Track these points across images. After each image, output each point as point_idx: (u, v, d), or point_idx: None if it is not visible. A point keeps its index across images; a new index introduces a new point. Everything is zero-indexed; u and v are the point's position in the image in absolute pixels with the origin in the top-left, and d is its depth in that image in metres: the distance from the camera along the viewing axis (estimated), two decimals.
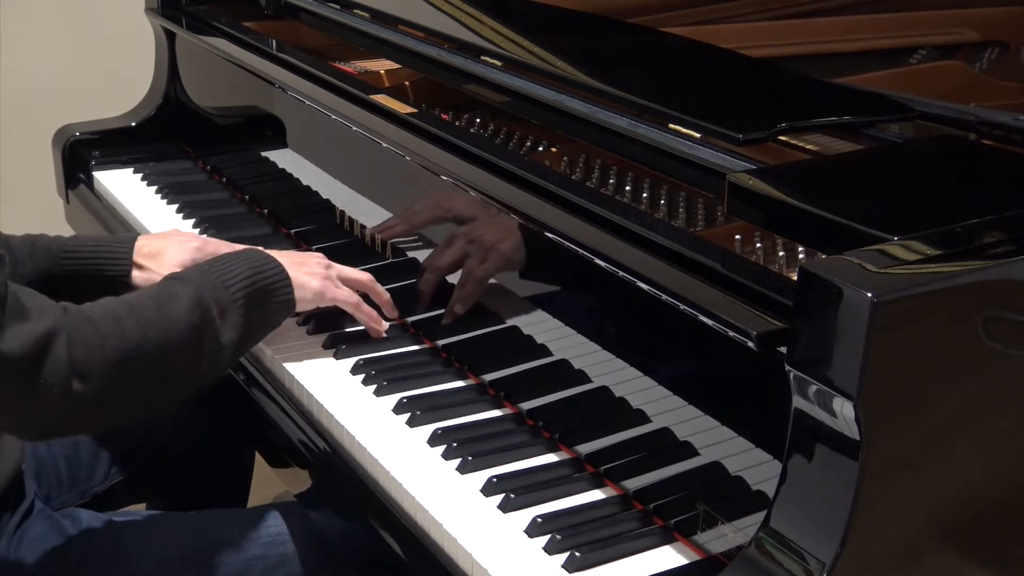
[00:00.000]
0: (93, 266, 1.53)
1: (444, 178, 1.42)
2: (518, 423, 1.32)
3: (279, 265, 1.36)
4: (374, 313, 1.47)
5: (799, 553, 0.93)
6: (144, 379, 1.22)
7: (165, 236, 1.60)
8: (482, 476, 1.21)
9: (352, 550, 1.32)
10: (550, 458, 1.25)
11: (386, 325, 1.48)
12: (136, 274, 1.54)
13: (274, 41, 1.91)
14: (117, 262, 1.53)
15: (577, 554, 1.09)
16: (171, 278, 1.30)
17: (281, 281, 1.35)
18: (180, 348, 1.23)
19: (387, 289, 1.57)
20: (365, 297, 1.49)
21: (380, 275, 1.59)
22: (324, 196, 1.77)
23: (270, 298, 1.34)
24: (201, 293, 1.26)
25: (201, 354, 1.25)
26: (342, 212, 1.71)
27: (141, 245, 1.55)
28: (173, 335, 1.22)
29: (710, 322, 1.03)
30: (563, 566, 1.09)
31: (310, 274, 1.41)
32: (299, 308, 1.41)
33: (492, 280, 1.40)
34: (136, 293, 1.27)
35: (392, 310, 1.51)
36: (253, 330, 1.33)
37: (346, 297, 1.44)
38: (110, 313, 1.20)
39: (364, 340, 1.48)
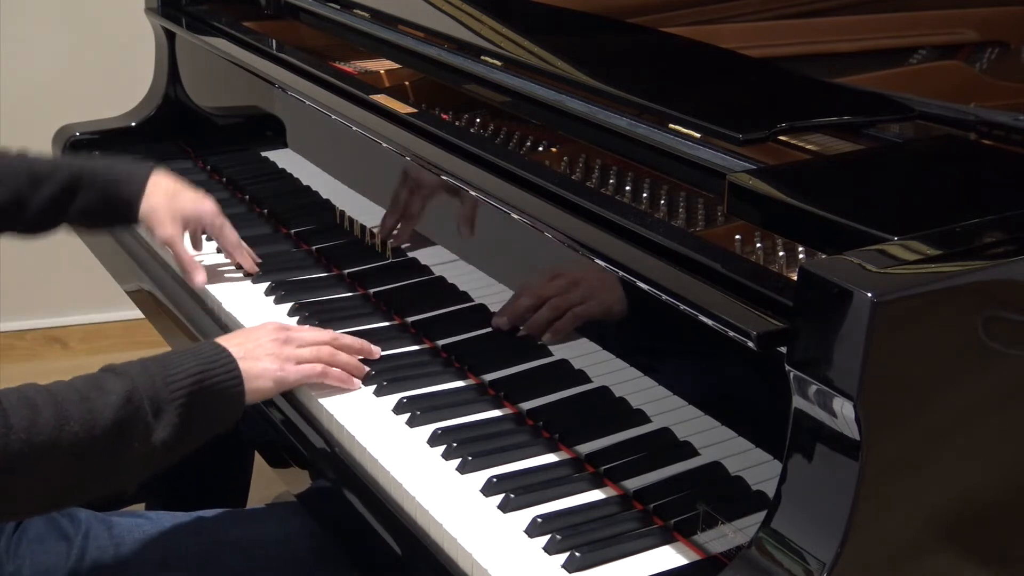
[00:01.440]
0: (109, 183, 1.59)
1: (444, 178, 1.42)
2: (518, 423, 1.32)
3: (231, 361, 1.26)
4: (343, 375, 1.37)
5: (799, 553, 0.94)
6: (52, 477, 1.13)
7: (187, 185, 1.66)
8: (482, 476, 1.21)
9: (352, 550, 1.32)
10: (550, 458, 1.25)
11: (358, 383, 1.38)
12: (143, 204, 1.61)
13: (274, 41, 1.91)
14: (131, 184, 1.60)
15: (577, 554, 1.09)
16: (106, 370, 1.20)
17: (232, 378, 1.25)
18: (100, 448, 1.14)
19: (387, 289, 1.57)
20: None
21: (380, 275, 1.60)
22: (324, 196, 1.77)
23: (216, 397, 1.23)
24: (135, 388, 1.17)
25: (125, 454, 1.16)
26: (342, 212, 1.71)
27: (159, 179, 1.63)
28: (94, 433, 1.13)
29: (710, 322, 1.03)
30: (563, 566, 1.09)
31: (267, 356, 1.31)
32: (258, 400, 1.31)
33: (490, 276, 1.40)
34: (66, 382, 1.16)
35: (371, 353, 1.42)
36: (193, 431, 1.22)
37: (309, 371, 1.34)
38: (25, 400, 1.11)
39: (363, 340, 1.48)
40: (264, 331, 1.35)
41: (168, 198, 1.61)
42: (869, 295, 0.87)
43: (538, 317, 1.30)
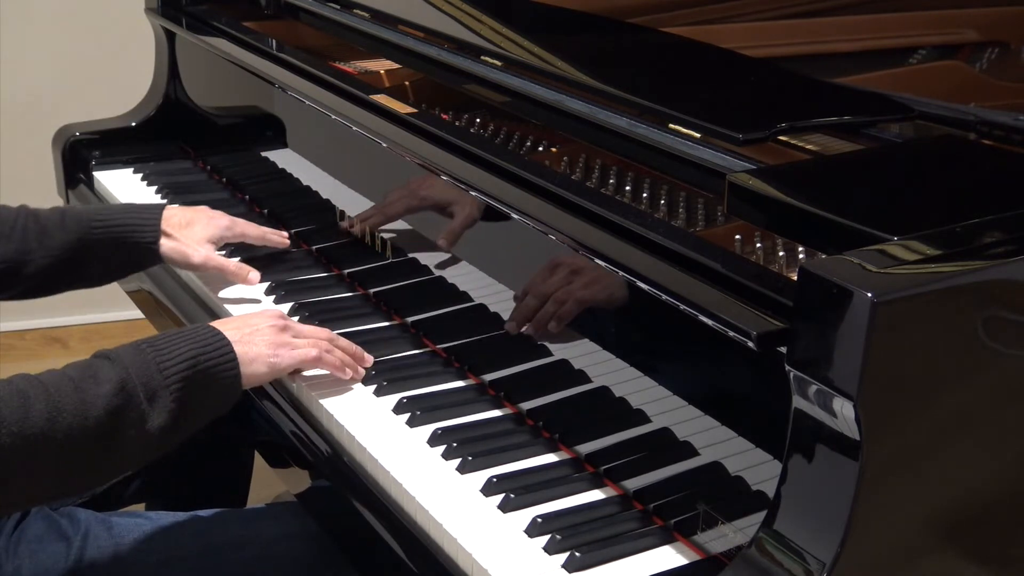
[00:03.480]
0: (123, 234, 1.55)
1: (444, 178, 1.42)
2: (518, 423, 1.32)
3: (225, 343, 1.25)
4: (338, 361, 1.36)
5: (799, 553, 0.94)
6: (46, 468, 1.12)
7: (194, 209, 1.64)
8: (482, 476, 1.21)
9: (352, 550, 1.32)
10: (550, 458, 1.25)
11: (361, 372, 1.39)
12: (164, 243, 1.57)
13: (274, 41, 1.91)
14: (145, 230, 1.56)
15: (577, 554, 1.09)
16: (99, 356, 1.20)
17: (227, 361, 1.24)
18: (95, 437, 1.13)
19: (387, 289, 1.57)
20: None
21: (380, 275, 1.60)
22: (324, 196, 1.77)
23: (212, 381, 1.22)
24: (128, 375, 1.16)
25: (122, 441, 1.15)
26: (342, 212, 1.71)
27: (170, 215, 1.58)
28: (88, 422, 1.12)
29: (710, 322, 1.03)
30: (563, 566, 1.09)
31: (261, 342, 1.30)
32: (253, 385, 1.31)
33: (491, 277, 1.40)
34: (59, 371, 1.16)
35: (363, 360, 1.41)
36: (189, 416, 1.21)
37: (304, 356, 1.33)
38: (17, 393, 1.11)
39: (363, 341, 1.48)
40: (261, 317, 1.35)
41: (184, 230, 1.61)
42: (869, 295, 0.87)
43: (546, 311, 1.29)
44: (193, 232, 1.60)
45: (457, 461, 1.24)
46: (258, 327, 1.32)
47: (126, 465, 1.20)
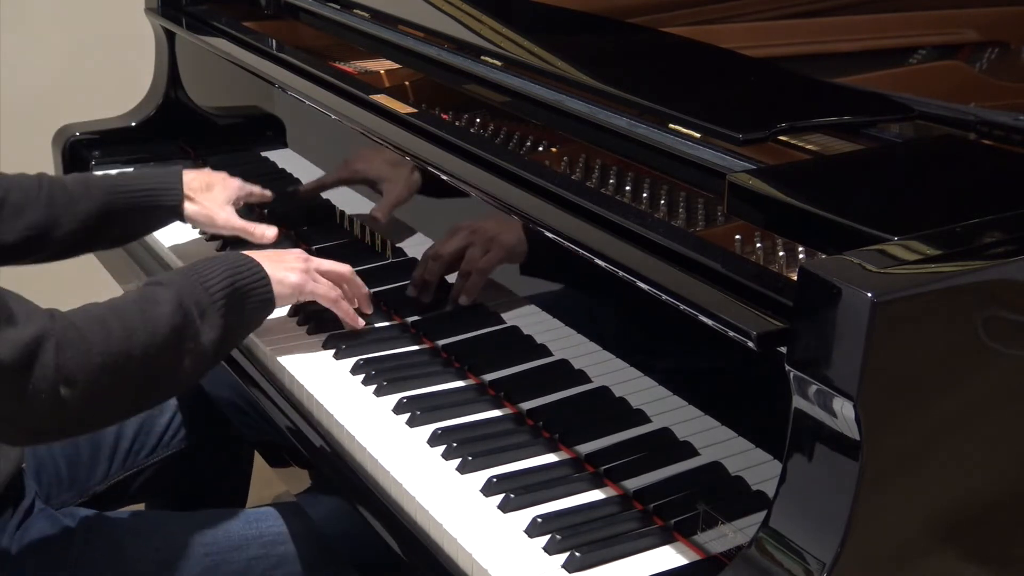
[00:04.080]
0: (148, 198, 1.64)
1: (444, 178, 1.42)
2: (518, 423, 1.32)
3: (257, 264, 1.38)
4: (349, 311, 1.48)
5: (799, 553, 0.93)
6: (129, 383, 1.23)
7: (208, 172, 1.73)
8: (482, 476, 1.21)
9: (352, 550, 1.32)
10: (550, 458, 1.25)
11: (363, 322, 1.50)
12: (188, 206, 1.67)
13: (274, 41, 1.91)
14: (169, 193, 1.66)
15: (577, 554, 1.09)
16: (152, 283, 1.31)
17: (260, 280, 1.37)
18: (164, 351, 1.24)
19: (387, 289, 1.57)
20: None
21: (380, 275, 1.60)
22: (324, 196, 1.77)
23: (249, 297, 1.35)
24: (182, 296, 1.27)
25: (184, 356, 1.27)
26: (342, 212, 1.71)
27: (190, 179, 1.68)
28: (157, 339, 1.23)
29: (710, 322, 1.03)
30: (563, 566, 1.09)
31: (288, 269, 1.42)
32: (278, 304, 1.42)
33: (493, 278, 1.40)
34: (119, 298, 1.28)
35: (369, 305, 1.52)
36: (234, 330, 1.34)
37: (325, 292, 1.46)
38: (95, 319, 1.21)
39: (364, 340, 1.48)
40: (289, 251, 1.48)
41: (206, 194, 1.69)
42: (869, 295, 0.87)
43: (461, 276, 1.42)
44: (214, 195, 1.69)
45: (457, 461, 1.24)
46: (283, 257, 1.45)
47: (190, 377, 1.30)
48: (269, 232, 1.69)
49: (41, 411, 1.16)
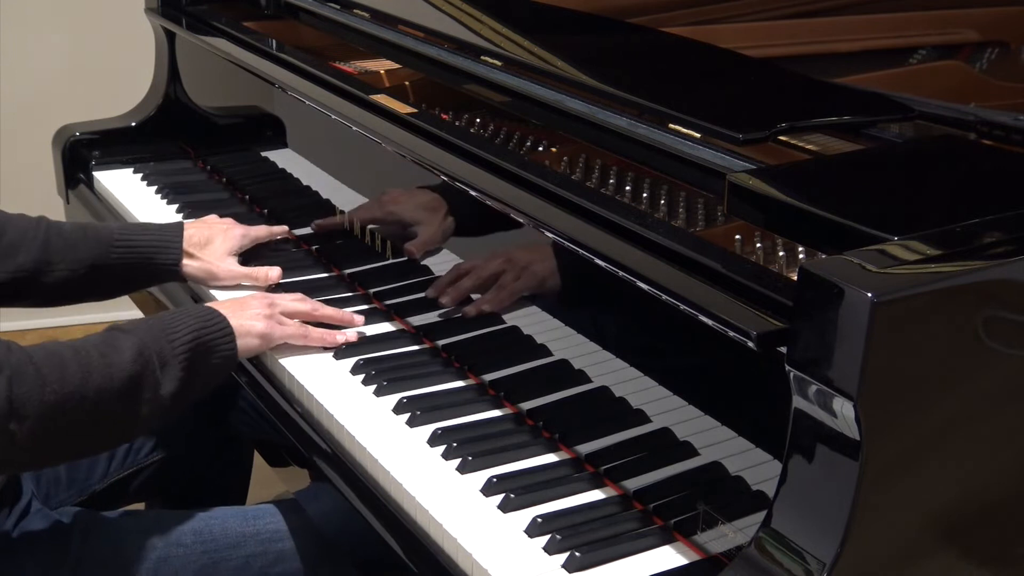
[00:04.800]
0: (145, 255, 1.61)
1: (444, 178, 1.42)
2: (518, 423, 1.32)
3: (224, 320, 1.37)
4: (323, 337, 1.47)
5: (799, 553, 0.93)
6: (81, 424, 1.22)
7: (208, 224, 1.68)
8: (482, 476, 1.21)
9: (351, 549, 1.32)
10: (550, 458, 1.25)
11: (343, 338, 1.47)
12: (188, 263, 1.63)
13: (274, 41, 1.91)
14: (168, 251, 1.62)
15: (577, 554, 1.09)
16: (115, 329, 1.30)
17: (225, 336, 1.36)
18: (119, 398, 1.23)
19: (387, 289, 1.57)
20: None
21: (380, 275, 1.60)
22: (324, 196, 1.77)
23: (213, 352, 1.34)
24: (144, 345, 1.27)
25: (140, 404, 1.26)
26: (342, 212, 1.71)
27: (190, 234, 1.63)
28: (114, 384, 1.22)
29: (710, 322, 1.03)
30: (563, 566, 1.09)
31: (253, 318, 1.41)
32: (246, 356, 1.42)
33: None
34: (81, 339, 1.26)
35: (352, 320, 1.51)
36: (193, 384, 1.32)
37: (293, 332, 1.45)
38: (53, 356, 1.20)
39: (364, 340, 1.48)
40: (252, 297, 1.47)
41: (206, 249, 1.65)
42: (869, 295, 0.87)
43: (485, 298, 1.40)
44: (214, 249, 1.65)
45: (457, 461, 1.24)
46: (250, 306, 1.44)
47: (143, 427, 1.29)
48: (272, 273, 1.65)
49: None
